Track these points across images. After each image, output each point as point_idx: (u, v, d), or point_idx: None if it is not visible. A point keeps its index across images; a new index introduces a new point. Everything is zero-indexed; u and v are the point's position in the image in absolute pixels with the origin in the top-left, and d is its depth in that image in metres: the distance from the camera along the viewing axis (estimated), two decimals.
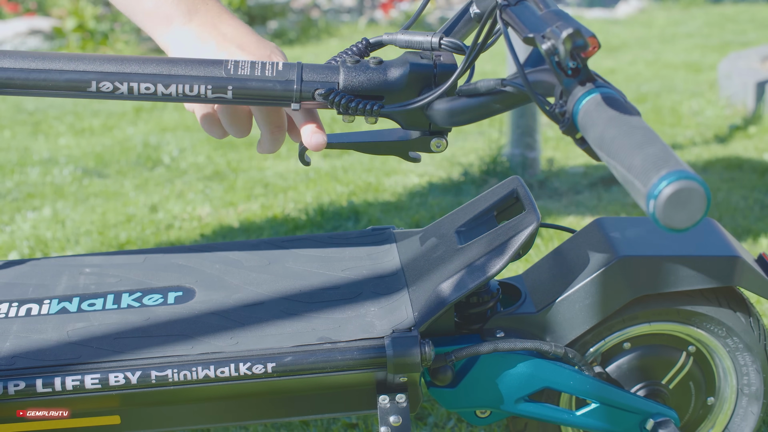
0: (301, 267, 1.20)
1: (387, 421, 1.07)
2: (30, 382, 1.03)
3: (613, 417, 1.14)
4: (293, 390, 1.07)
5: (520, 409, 1.13)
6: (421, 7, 1.07)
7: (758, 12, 6.94)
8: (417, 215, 2.45)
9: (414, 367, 1.04)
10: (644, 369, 1.18)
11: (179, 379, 1.03)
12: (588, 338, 1.14)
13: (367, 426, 1.40)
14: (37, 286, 1.19)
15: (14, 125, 3.93)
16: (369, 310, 1.11)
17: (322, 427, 1.41)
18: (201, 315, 1.11)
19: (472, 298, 1.12)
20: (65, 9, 6.60)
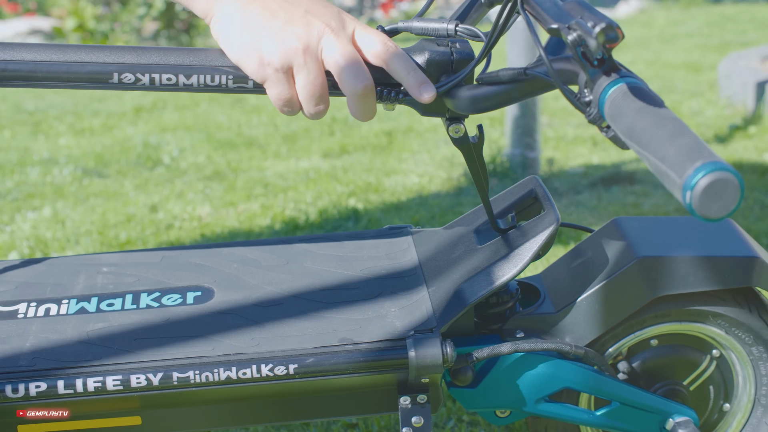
0: (319, 266, 1.20)
1: (409, 422, 1.07)
2: (51, 384, 1.02)
3: (633, 417, 1.14)
4: (314, 391, 1.07)
5: (540, 410, 1.13)
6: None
7: (758, 12, 6.94)
8: (417, 215, 2.45)
9: (436, 368, 1.04)
10: (668, 368, 1.18)
11: (201, 381, 1.03)
12: (607, 337, 1.14)
13: (367, 426, 1.40)
14: (54, 286, 1.18)
15: (14, 125, 3.93)
16: (389, 311, 1.10)
17: (322, 427, 1.41)
18: (220, 315, 1.11)
19: (492, 298, 1.12)
20: (65, 9, 6.60)
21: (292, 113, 0.98)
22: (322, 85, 0.96)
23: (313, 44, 0.94)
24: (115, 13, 6.86)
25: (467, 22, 1.08)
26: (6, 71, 0.96)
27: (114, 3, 7.06)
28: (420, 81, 0.96)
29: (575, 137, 3.22)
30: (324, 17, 0.95)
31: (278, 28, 0.93)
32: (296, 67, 0.94)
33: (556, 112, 3.63)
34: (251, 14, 0.94)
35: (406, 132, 3.48)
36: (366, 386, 1.07)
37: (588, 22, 0.82)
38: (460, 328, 1.10)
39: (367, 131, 3.51)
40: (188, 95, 4.65)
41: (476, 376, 1.11)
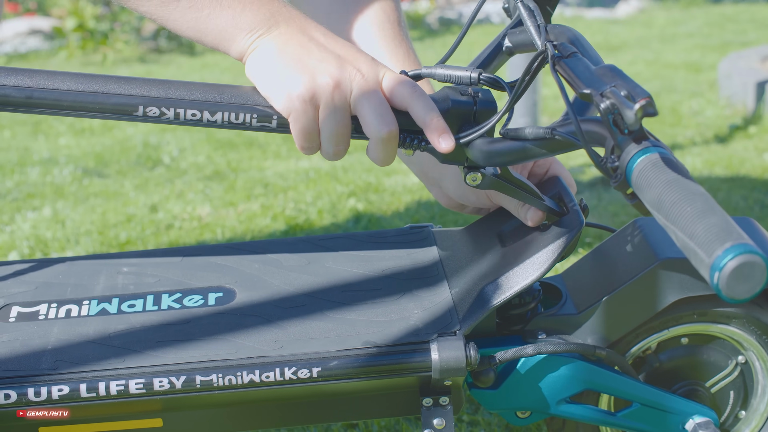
0: (340, 267, 1.19)
1: (431, 424, 1.07)
2: (74, 387, 1.02)
3: (653, 418, 1.14)
4: (337, 394, 1.07)
5: (561, 411, 1.13)
6: (456, 42, 1.07)
7: (758, 12, 6.94)
8: (417, 215, 2.45)
9: (459, 371, 1.04)
10: (693, 367, 1.17)
11: (224, 384, 1.03)
12: (632, 336, 1.14)
13: (367, 426, 1.40)
14: (75, 286, 1.18)
15: (14, 125, 3.93)
16: (412, 313, 1.09)
17: (322, 428, 1.41)
18: (242, 317, 1.10)
19: (514, 299, 1.12)
20: (65, 9, 6.60)
21: (310, 151, 0.99)
22: (346, 125, 0.97)
23: (345, 84, 0.96)
24: (115, 13, 6.87)
25: (489, 69, 1.09)
26: (32, 99, 0.97)
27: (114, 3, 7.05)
28: (441, 130, 0.96)
29: None
30: (357, 62, 0.97)
31: (312, 66, 0.95)
32: (323, 103, 0.96)
33: (556, 112, 3.63)
34: (287, 51, 0.96)
35: None
36: (388, 389, 1.07)
37: (621, 90, 0.84)
38: (482, 329, 1.10)
39: None
40: None
41: (498, 377, 1.11)
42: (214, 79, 5.22)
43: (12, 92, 0.96)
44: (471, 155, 1.00)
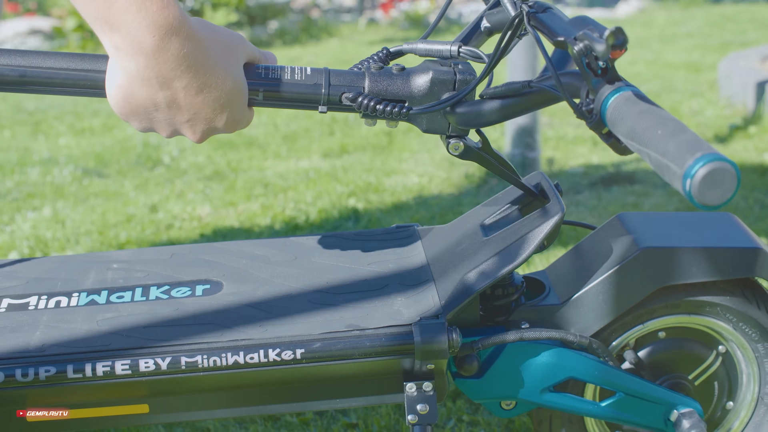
0: (327, 261, 1.21)
1: (414, 409, 1.08)
2: (61, 368, 1.03)
3: (637, 408, 1.15)
4: (321, 377, 1.08)
5: (545, 400, 1.14)
6: (437, 19, 1.10)
7: (758, 12, 6.94)
8: (417, 215, 2.45)
9: (441, 353, 1.05)
10: (674, 361, 1.19)
11: (209, 365, 1.04)
12: (615, 327, 1.15)
13: (367, 426, 1.40)
14: (65, 281, 1.20)
15: (14, 125, 3.93)
16: (396, 300, 1.12)
17: (322, 427, 1.41)
18: (229, 305, 1.12)
19: (497, 290, 1.14)
20: (65, 9, 6.60)
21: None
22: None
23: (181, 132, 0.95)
24: None
25: (470, 45, 1.11)
26: (25, 77, 0.97)
27: None
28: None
29: (575, 137, 3.22)
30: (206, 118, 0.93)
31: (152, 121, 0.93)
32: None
33: (555, 112, 3.63)
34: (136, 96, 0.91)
35: (406, 132, 3.48)
36: (372, 373, 1.08)
37: (594, 33, 0.87)
38: (466, 320, 1.11)
39: (368, 131, 3.51)
40: None
41: (481, 366, 1.12)
42: None
43: (5, 71, 0.97)
44: (455, 120, 1.03)
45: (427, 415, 1.08)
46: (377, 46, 6.28)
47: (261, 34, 7.26)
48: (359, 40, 6.85)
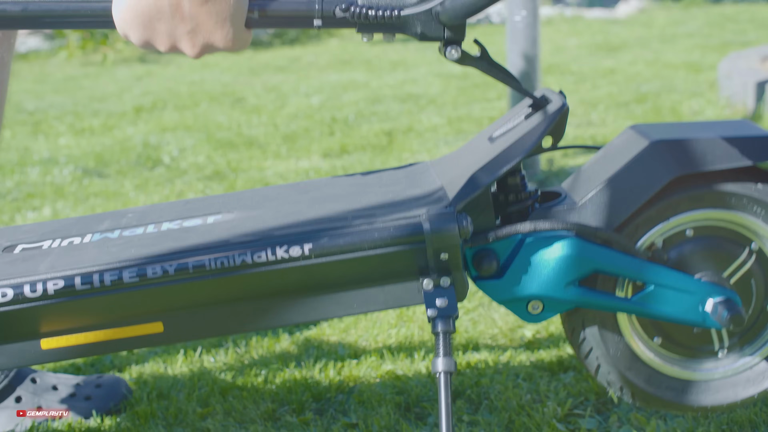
0: (339, 191, 1.20)
1: (433, 304, 1.05)
2: (69, 282, 1.02)
3: (670, 300, 1.12)
4: (333, 277, 1.06)
5: (571, 295, 1.11)
6: None
7: (758, 12, 6.94)
8: None
9: (452, 239, 1.04)
10: (705, 258, 1.15)
11: (216, 266, 1.03)
12: (637, 225, 1.13)
13: (367, 426, 1.40)
14: (80, 228, 1.20)
15: (14, 125, 3.93)
16: (405, 201, 1.11)
17: (322, 427, 1.41)
18: (239, 224, 1.11)
19: (510, 195, 1.14)
20: None
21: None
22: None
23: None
24: None
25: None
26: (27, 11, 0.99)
27: None
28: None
29: (575, 137, 3.22)
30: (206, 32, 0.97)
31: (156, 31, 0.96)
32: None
33: None
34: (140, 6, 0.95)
35: (406, 132, 3.48)
36: (386, 271, 1.06)
37: None
38: (481, 227, 1.10)
39: (368, 131, 3.51)
40: (188, 95, 4.65)
41: (501, 266, 1.11)
42: (214, 78, 5.22)
43: (7, 7, 0.98)
44: (447, 18, 1.03)
45: (446, 307, 1.05)
46: (377, 47, 6.28)
47: (261, 34, 7.26)
48: (359, 40, 6.84)
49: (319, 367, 1.59)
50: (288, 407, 1.47)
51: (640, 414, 1.37)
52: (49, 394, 1.46)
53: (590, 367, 1.20)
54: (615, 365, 1.18)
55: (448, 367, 1.03)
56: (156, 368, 1.63)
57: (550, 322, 1.70)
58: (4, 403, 1.44)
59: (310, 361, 1.62)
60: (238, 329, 1.10)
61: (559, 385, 1.47)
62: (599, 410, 1.41)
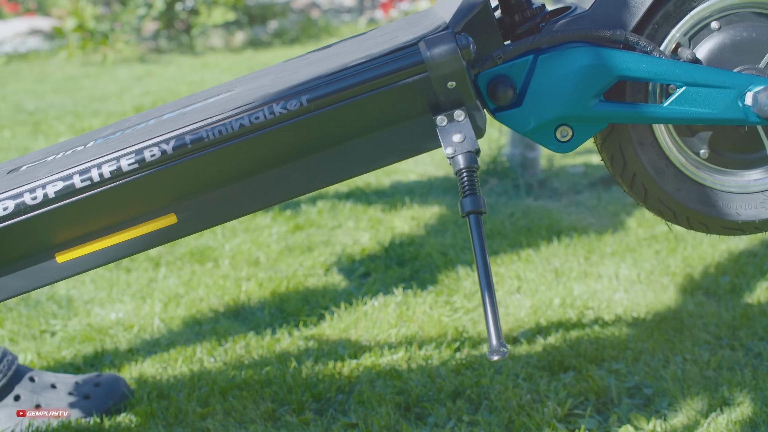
0: (342, 49, 1.14)
1: (450, 141, 0.98)
2: (68, 181, 0.99)
3: (704, 98, 1.03)
4: (340, 131, 1.00)
5: (598, 111, 1.03)
6: None
7: None
8: (417, 215, 2.45)
9: (455, 62, 0.96)
10: (738, 51, 1.06)
11: (215, 137, 0.98)
12: (656, 23, 1.05)
13: (366, 426, 1.40)
14: (84, 138, 1.16)
15: (14, 125, 3.93)
16: (404, 37, 1.04)
17: (322, 427, 1.41)
18: (238, 96, 1.06)
19: (515, 15, 1.07)
20: (65, 9, 6.60)
21: None
22: None
23: None
24: (115, 13, 6.86)
25: None
26: None
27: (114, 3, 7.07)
28: None
29: None
30: None
31: None
32: None
33: None
34: None
35: None
36: (397, 117, 1.00)
37: None
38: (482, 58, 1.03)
39: None
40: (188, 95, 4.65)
41: (519, 93, 1.04)
42: (214, 79, 5.22)
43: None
44: None
45: (464, 143, 0.98)
46: None
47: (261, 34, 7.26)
48: None
49: (319, 367, 1.59)
50: (288, 407, 1.47)
51: (640, 414, 1.37)
52: (47, 392, 1.46)
53: (638, 195, 1.11)
54: (663, 188, 1.09)
55: (476, 206, 0.95)
56: (156, 368, 1.63)
57: (550, 321, 1.70)
58: (3, 401, 1.43)
59: (310, 361, 1.62)
60: (253, 207, 1.04)
61: (559, 385, 1.47)
62: (599, 410, 1.41)
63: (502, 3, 1.09)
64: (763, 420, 1.33)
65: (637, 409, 1.40)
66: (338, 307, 1.84)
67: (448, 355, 1.60)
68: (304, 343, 1.70)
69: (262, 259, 2.16)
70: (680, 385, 1.44)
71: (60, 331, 1.81)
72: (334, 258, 2.13)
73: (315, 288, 1.96)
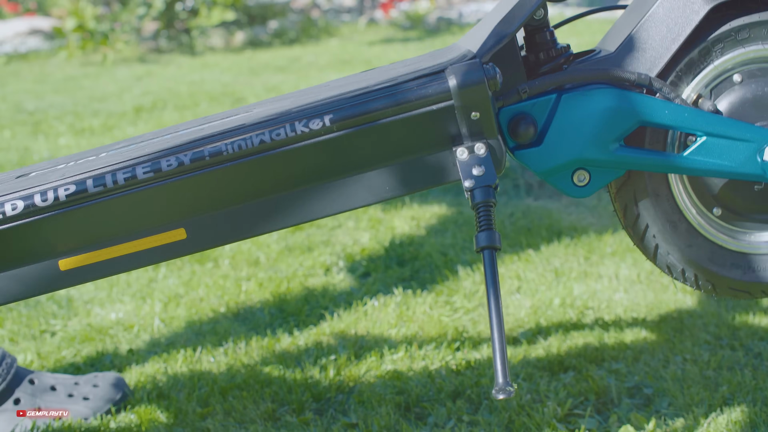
0: (359, 78, 1.11)
1: (470, 174, 0.97)
2: (81, 186, 0.95)
3: (724, 150, 1.03)
4: (360, 155, 0.97)
5: (617, 156, 1.02)
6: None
7: None
8: (417, 215, 2.45)
9: (481, 92, 0.95)
10: (759, 106, 1.06)
11: (234, 151, 0.95)
12: (680, 71, 1.05)
13: (366, 426, 1.40)
14: (96, 150, 1.13)
15: (14, 125, 3.93)
16: (430, 65, 1.02)
17: (322, 427, 1.41)
18: (257, 115, 1.02)
19: (540, 54, 1.06)
20: (65, 9, 6.60)
21: None
22: None
23: None
24: (115, 13, 6.86)
25: None
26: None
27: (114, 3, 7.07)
28: None
29: None
30: None
31: None
32: None
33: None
34: None
35: None
36: (417, 146, 0.98)
37: None
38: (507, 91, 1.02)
39: None
40: (188, 95, 4.65)
41: (540, 132, 1.03)
42: (214, 78, 5.22)
43: None
44: None
45: (484, 176, 0.97)
46: (377, 47, 6.28)
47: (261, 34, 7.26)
48: (359, 40, 6.85)
49: (319, 367, 1.59)
50: (288, 407, 1.47)
51: (640, 414, 1.37)
52: (47, 394, 1.46)
53: (647, 249, 1.10)
54: (674, 243, 1.08)
55: (491, 241, 0.94)
56: (156, 368, 1.63)
57: (550, 321, 1.70)
58: (3, 406, 1.43)
59: (310, 361, 1.62)
60: (263, 229, 1.01)
61: (559, 385, 1.47)
62: (599, 410, 1.41)
63: (528, 41, 1.08)
64: (763, 420, 1.33)
65: (637, 409, 1.40)
66: (338, 307, 1.84)
67: (448, 355, 1.60)
68: (304, 343, 1.70)
69: (262, 259, 2.16)
70: (680, 385, 1.44)
71: (60, 331, 1.81)
72: (334, 258, 2.13)
73: (315, 288, 1.96)
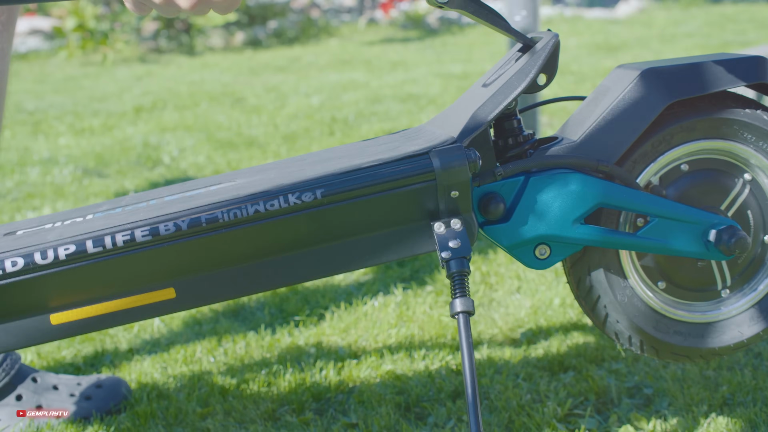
0: (337, 154, 1.20)
1: (446, 246, 1.07)
2: (81, 246, 1.01)
3: (672, 231, 1.14)
4: (346, 226, 1.06)
5: (578, 234, 1.12)
6: None
7: (758, 12, 6.94)
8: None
9: (462, 174, 1.06)
10: (702, 192, 1.18)
11: (230, 219, 1.02)
12: (634, 161, 1.15)
13: (366, 426, 1.40)
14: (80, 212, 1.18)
15: (14, 125, 3.93)
16: (411, 146, 1.11)
17: (322, 427, 1.41)
18: (245, 185, 1.10)
19: (509, 140, 1.15)
20: (65, 9, 6.60)
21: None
22: None
23: None
24: (115, 13, 6.86)
25: None
26: None
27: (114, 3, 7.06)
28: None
29: None
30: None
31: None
32: None
33: (555, 112, 3.63)
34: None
35: None
36: (397, 216, 1.07)
37: None
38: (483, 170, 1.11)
39: (368, 131, 3.51)
40: (188, 95, 4.65)
41: (507, 209, 1.12)
42: (214, 78, 5.22)
43: None
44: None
45: (459, 248, 1.06)
46: (377, 46, 6.28)
47: (260, 34, 7.26)
48: (359, 40, 6.85)
49: (319, 367, 1.59)
50: (288, 407, 1.47)
51: (640, 414, 1.38)
52: (49, 393, 1.46)
53: (598, 317, 1.20)
54: (623, 312, 1.18)
55: (466, 307, 1.03)
56: (156, 368, 1.63)
57: (550, 321, 1.70)
58: (4, 400, 1.44)
59: (310, 361, 1.62)
60: (250, 290, 1.09)
61: (559, 385, 1.47)
62: (599, 410, 1.41)
63: (497, 127, 1.17)
64: (763, 420, 1.34)
65: (637, 409, 1.40)
66: (338, 307, 1.85)
67: (448, 355, 1.61)
68: (304, 343, 1.70)
69: None
70: (680, 385, 1.44)
71: None
72: None
73: (315, 288, 1.96)
